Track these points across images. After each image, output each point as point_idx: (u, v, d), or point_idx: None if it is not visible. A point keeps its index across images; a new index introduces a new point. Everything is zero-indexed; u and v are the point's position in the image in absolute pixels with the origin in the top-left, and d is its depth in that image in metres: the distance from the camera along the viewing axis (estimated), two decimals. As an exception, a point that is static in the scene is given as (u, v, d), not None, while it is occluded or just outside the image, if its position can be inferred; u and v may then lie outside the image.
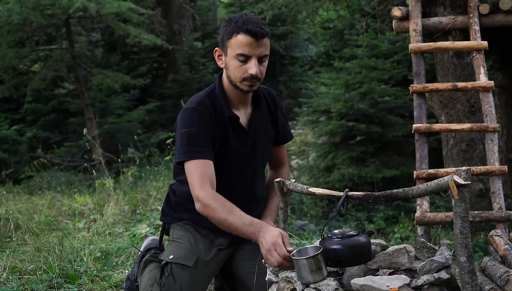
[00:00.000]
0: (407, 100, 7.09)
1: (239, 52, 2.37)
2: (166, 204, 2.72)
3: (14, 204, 5.66)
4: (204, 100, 2.49)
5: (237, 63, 2.40)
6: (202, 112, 2.44)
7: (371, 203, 2.10)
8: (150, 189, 5.81)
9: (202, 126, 2.42)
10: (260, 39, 2.37)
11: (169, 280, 2.45)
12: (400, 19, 4.00)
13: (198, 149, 2.40)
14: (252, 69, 2.38)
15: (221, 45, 2.45)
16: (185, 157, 2.41)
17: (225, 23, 2.44)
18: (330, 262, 2.11)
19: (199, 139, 2.40)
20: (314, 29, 12.41)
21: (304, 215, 5.86)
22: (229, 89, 2.51)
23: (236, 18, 2.40)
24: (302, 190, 2.25)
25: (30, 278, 3.16)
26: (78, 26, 10.04)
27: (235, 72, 2.42)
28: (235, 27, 2.37)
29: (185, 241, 2.56)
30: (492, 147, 3.49)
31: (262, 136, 2.61)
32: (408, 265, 2.13)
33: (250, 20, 2.37)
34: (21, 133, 10.14)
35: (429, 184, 1.95)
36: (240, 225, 2.29)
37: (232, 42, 2.38)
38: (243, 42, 2.36)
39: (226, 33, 2.40)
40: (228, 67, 2.44)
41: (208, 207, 2.33)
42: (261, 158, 2.64)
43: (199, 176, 2.36)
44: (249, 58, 2.38)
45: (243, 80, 2.42)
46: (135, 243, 3.98)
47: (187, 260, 2.49)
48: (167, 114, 11.13)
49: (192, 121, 2.43)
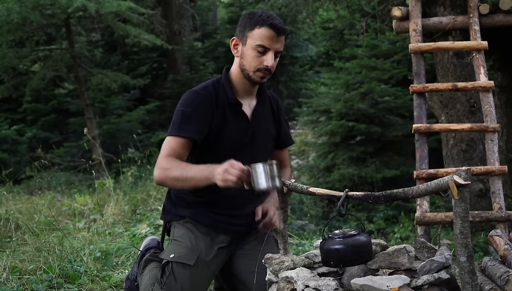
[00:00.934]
0: (407, 100, 7.09)
1: (259, 44, 2.48)
2: (167, 201, 2.74)
3: (14, 204, 5.66)
4: (208, 85, 2.59)
5: (255, 54, 2.50)
6: (202, 95, 2.53)
7: (371, 203, 2.10)
8: (150, 189, 5.81)
9: (198, 108, 2.50)
10: (281, 35, 2.51)
11: (170, 279, 2.45)
12: (400, 19, 4.00)
13: (185, 128, 2.48)
14: (268, 61, 2.50)
15: (241, 35, 2.55)
16: (171, 133, 2.50)
17: (247, 15, 2.56)
18: (332, 262, 2.11)
19: (191, 120, 2.49)
20: (314, 29, 12.41)
21: (304, 215, 5.86)
22: (236, 79, 2.60)
23: (260, 12, 2.53)
24: (302, 190, 2.25)
25: (30, 278, 3.16)
26: (78, 26, 10.04)
27: (251, 62, 2.52)
28: (260, 20, 2.49)
29: (185, 240, 2.56)
30: (492, 147, 3.49)
31: (263, 130, 2.67)
32: (408, 265, 2.13)
33: (273, 16, 2.52)
34: (21, 133, 10.14)
35: (429, 184, 1.95)
36: (197, 172, 2.38)
37: (254, 33, 2.50)
38: (265, 34, 2.48)
39: (250, 24, 2.51)
40: (244, 56, 2.54)
41: (166, 168, 2.42)
42: (260, 150, 2.66)
43: (169, 149, 2.46)
44: (267, 51, 2.50)
45: (257, 70, 2.52)
46: (135, 243, 3.98)
47: (187, 259, 2.50)
48: (167, 114, 11.12)
49: (190, 102, 2.52)
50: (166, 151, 2.47)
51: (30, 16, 7.71)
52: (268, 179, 2.23)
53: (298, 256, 2.30)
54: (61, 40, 9.96)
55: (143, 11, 8.86)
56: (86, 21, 9.85)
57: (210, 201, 2.58)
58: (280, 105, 2.80)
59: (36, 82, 9.15)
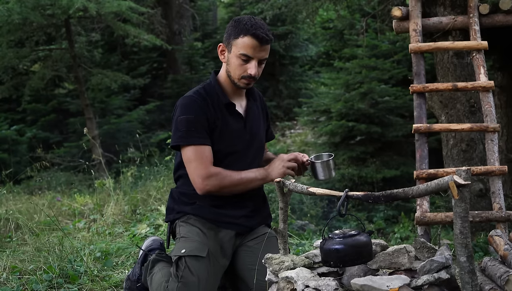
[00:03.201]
0: (407, 100, 7.10)
1: (242, 52, 2.54)
2: (169, 200, 2.78)
3: (14, 204, 5.66)
4: (199, 90, 2.64)
5: (238, 62, 2.56)
6: (199, 100, 2.58)
7: (371, 203, 2.11)
8: (150, 189, 5.80)
9: (199, 114, 2.55)
10: (264, 44, 2.56)
11: (186, 272, 2.46)
12: (400, 19, 4.00)
13: (196, 135, 2.53)
14: (251, 70, 2.56)
15: (226, 42, 2.60)
16: (182, 141, 2.55)
17: (233, 22, 2.60)
18: (332, 262, 2.11)
19: (197, 126, 2.54)
20: (314, 29, 12.41)
21: (304, 215, 5.86)
22: (225, 82, 2.67)
23: (245, 20, 2.56)
24: (302, 190, 2.25)
25: (30, 278, 3.15)
26: (78, 26, 10.03)
27: (235, 70, 2.58)
28: (244, 29, 2.54)
29: (193, 234, 2.60)
30: (492, 147, 3.49)
31: (258, 126, 2.75)
32: (408, 265, 2.13)
33: (258, 25, 2.55)
34: (21, 133, 10.14)
35: (429, 184, 1.95)
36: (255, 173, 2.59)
37: (238, 42, 2.55)
38: (248, 44, 2.53)
39: (234, 32, 2.56)
40: (229, 63, 2.60)
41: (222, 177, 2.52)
42: (259, 146, 2.76)
43: (200, 159, 2.52)
44: (250, 59, 2.56)
45: (241, 78, 2.59)
46: (135, 243, 3.98)
47: (200, 251, 2.53)
48: (167, 114, 11.12)
49: (190, 109, 2.56)
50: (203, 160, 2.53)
51: (30, 17, 7.71)
52: (326, 171, 2.61)
53: (298, 256, 2.30)
54: (61, 40, 9.95)
55: (143, 11, 8.86)
56: (86, 21, 9.84)
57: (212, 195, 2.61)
58: (264, 101, 2.90)
59: (36, 82, 9.15)
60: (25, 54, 9.04)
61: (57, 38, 9.90)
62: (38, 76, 9.17)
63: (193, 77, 11.34)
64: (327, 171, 2.62)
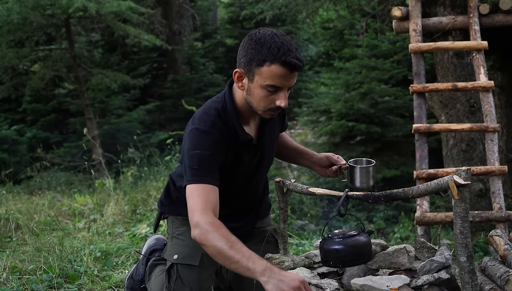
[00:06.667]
0: (407, 100, 7.10)
1: (270, 84, 2.12)
2: (165, 197, 2.61)
3: (14, 204, 5.66)
4: (217, 121, 2.24)
5: (264, 93, 2.15)
6: (215, 136, 2.22)
7: (371, 203, 2.10)
8: (150, 189, 5.80)
9: (215, 152, 2.21)
10: (295, 72, 2.14)
11: (177, 283, 2.40)
12: (400, 19, 4.00)
13: (209, 174, 2.18)
14: (281, 102, 2.16)
15: (246, 69, 2.16)
16: (195, 179, 2.17)
17: (253, 44, 2.13)
18: (332, 262, 2.11)
19: (212, 165, 2.20)
20: (314, 29, 12.41)
21: (304, 215, 5.86)
22: (242, 107, 2.28)
23: (269, 42, 2.11)
24: (302, 190, 2.25)
25: (30, 278, 3.15)
26: (78, 26, 10.04)
27: (260, 101, 2.18)
28: (270, 55, 2.09)
29: (186, 238, 2.47)
30: (492, 147, 3.49)
31: (270, 146, 2.49)
32: (408, 265, 2.13)
33: (286, 47, 2.10)
34: (21, 133, 10.14)
35: (429, 184, 1.95)
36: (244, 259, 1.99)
37: (263, 71, 2.11)
38: (277, 73, 2.10)
39: (257, 58, 2.12)
40: (251, 94, 2.19)
41: (208, 233, 2.06)
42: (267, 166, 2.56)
43: (203, 201, 2.14)
44: (279, 90, 2.15)
45: (268, 110, 2.20)
46: (135, 243, 3.98)
47: (192, 259, 2.42)
48: (167, 114, 11.12)
49: (205, 144, 2.20)
50: (202, 205, 2.13)
51: (30, 17, 7.71)
52: (364, 178, 2.42)
53: (298, 256, 2.30)
54: (61, 40, 9.96)
55: (143, 11, 8.86)
56: (86, 21, 9.85)
57: None
58: None
59: (36, 82, 9.15)
60: (25, 54, 9.04)
61: (57, 38, 9.91)
62: (38, 76, 9.17)
63: (193, 77, 11.34)
64: (366, 178, 2.42)
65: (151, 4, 10.46)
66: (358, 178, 2.42)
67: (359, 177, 2.42)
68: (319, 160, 2.62)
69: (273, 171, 6.58)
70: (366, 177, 2.42)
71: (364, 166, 2.44)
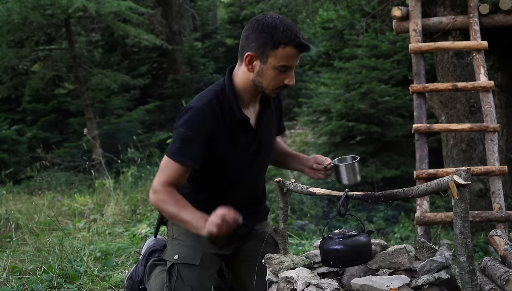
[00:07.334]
0: (407, 100, 7.10)
1: (283, 64, 2.31)
2: None
3: (14, 204, 5.66)
4: (213, 101, 2.37)
5: (275, 73, 2.33)
6: (207, 114, 2.34)
7: (371, 203, 2.10)
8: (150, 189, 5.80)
9: (200, 131, 2.33)
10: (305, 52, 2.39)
11: (178, 283, 2.42)
12: (400, 19, 4.00)
13: (187, 154, 2.33)
14: (289, 80, 2.36)
15: (259, 52, 2.31)
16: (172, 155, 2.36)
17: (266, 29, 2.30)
18: (332, 262, 2.11)
19: (193, 146, 2.33)
20: (314, 29, 12.41)
21: (304, 215, 5.86)
22: (243, 91, 2.42)
23: (281, 27, 2.30)
24: (302, 190, 2.25)
25: (30, 278, 3.15)
26: (78, 26, 10.04)
27: (270, 81, 2.35)
28: (284, 38, 2.29)
29: (187, 237, 2.51)
30: (492, 147, 3.49)
31: (268, 134, 2.57)
32: (408, 265, 2.13)
33: (296, 31, 2.34)
34: (21, 133, 10.14)
35: (429, 184, 1.95)
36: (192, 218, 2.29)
37: (278, 53, 2.30)
38: (291, 54, 2.31)
39: (271, 42, 2.29)
40: (263, 74, 2.34)
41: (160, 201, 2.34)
42: (267, 154, 2.60)
43: (169, 176, 2.35)
44: (289, 69, 2.35)
45: (275, 88, 2.38)
46: (135, 243, 3.98)
47: (192, 258, 2.45)
48: (167, 114, 11.13)
49: (193, 123, 2.33)
50: (164, 177, 2.35)
51: (30, 17, 7.71)
52: (350, 175, 2.47)
53: (298, 256, 2.30)
54: (61, 40, 9.96)
55: (143, 11, 8.86)
56: (86, 21, 9.85)
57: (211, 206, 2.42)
58: (281, 98, 2.71)
59: (36, 82, 9.15)
60: (25, 54, 9.04)
61: (57, 38, 9.91)
62: (38, 76, 9.17)
63: (193, 77, 11.34)
64: (352, 175, 2.47)
65: (151, 4, 10.46)
66: (345, 176, 2.48)
67: (345, 175, 2.48)
68: (308, 161, 2.69)
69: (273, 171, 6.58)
70: (352, 173, 2.47)
71: (349, 163, 2.50)
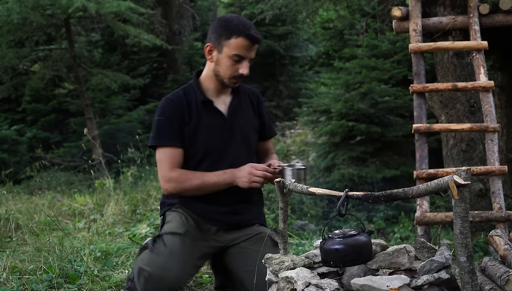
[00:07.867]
0: (407, 100, 7.10)
1: (235, 53, 2.59)
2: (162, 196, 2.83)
3: (14, 204, 5.66)
4: (179, 91, 2.73)
5: (230, 62, 2.61)
6: (173, 102, 2.65)
7: (371, 203, 2.10)
8: (150, 189, 5.81)
9: (172, 116, 2.62)
10: (255, 44, 2.62)
11: (159, 244, 2.52)
12: (400, 19, 4.00)
13: (167, 136, 2.61)
14: (244, 70, 2.62)
15: (216, 42, 2.65)
16: (155, 141, 2.64)
17: (223, 22, 2.63)
18: (332, 262, 2.11)
19: (168, 128, 2.61)
20: (314, 29, 12.41)
21: (304, 215, 5.86)
22: (207, 81, 2.72)
23: (235, 21, 2.60)
24: (302, 190, 2.25)
25: (30, 278, 3.15)
26: (78, 26, 10.03)
27: (226, 70, 2.63)
28: (236, 29, 2.58)
29: (176, 220, 2.64)
30: (492, 147, 3.49)
31: (243, 123, 2.74)
32: (408, 265, 2.13)
33: (249, 25, 2.60)
34: (21, 133, 10.13)
35: (429, 184, 1.95)
36: (217, 178, 2.57)
37: (231, 43, 2.59)
38: (242, 44, 2.58)
39: (225, 33, 2.60)
40: (219, 63, 2.65)
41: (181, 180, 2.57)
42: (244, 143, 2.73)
43: (169, 161, 2.59)
44: (242, 59, 2.61)
45: (232, 78, 2.64)
46: (135, 243, 3.98)
47: (177, 228, 2.58)
48: (167, 114, 11.10)
49: (163, 111, 2.65)
50: (166, 164, 2.60)
51: (30, 17, 7.70)
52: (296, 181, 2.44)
53: (298, 256, 2.30)
54: (61, 40, 9.95)
55: (143, 11, 8.85)
56: (86, 21, 9.84)
57: None
58: (261, 99, 2.89)
59: (36, 82, 9.15)
60: (25, 54, 9.04)
61: (57, 38, 9.90)
62: (38, 76, 9.17)
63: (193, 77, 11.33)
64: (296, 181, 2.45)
65: (151, 4, 10.45)
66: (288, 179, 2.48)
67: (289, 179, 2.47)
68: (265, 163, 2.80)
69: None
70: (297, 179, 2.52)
71: (295, 168, 2.57)
